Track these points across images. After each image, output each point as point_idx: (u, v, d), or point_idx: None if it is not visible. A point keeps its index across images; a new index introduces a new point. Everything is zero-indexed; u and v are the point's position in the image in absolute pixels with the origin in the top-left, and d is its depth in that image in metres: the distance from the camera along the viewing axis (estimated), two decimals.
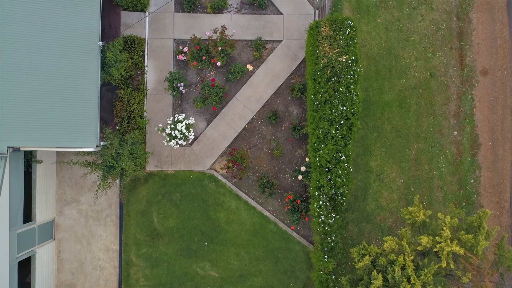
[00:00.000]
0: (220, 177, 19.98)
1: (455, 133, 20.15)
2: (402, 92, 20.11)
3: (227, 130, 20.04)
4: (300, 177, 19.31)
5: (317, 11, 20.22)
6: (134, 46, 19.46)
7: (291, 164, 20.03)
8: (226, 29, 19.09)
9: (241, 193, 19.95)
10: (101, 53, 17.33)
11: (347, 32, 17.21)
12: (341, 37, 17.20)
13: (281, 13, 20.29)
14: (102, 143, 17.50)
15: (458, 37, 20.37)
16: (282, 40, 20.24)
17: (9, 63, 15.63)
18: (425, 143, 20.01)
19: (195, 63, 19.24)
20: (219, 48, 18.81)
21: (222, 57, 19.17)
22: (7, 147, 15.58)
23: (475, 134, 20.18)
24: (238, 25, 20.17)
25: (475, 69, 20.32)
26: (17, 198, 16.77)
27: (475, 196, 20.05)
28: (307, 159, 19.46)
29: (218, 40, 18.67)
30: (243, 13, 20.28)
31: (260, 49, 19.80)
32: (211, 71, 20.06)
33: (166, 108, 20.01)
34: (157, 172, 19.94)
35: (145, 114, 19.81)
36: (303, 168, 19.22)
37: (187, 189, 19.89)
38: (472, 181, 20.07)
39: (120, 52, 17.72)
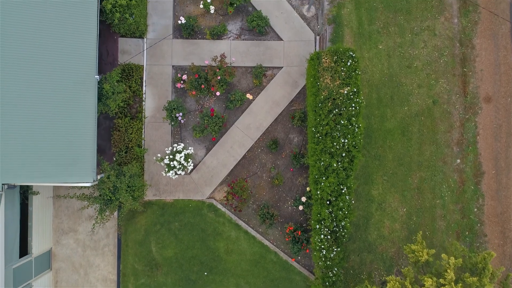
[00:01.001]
0: (219, 206, 19.68)
1: (458, 161, 19.85)
2: (404, 120, 19.80)
3: (226, 158, 19.73)
4: (301, 208, 19.01)
5: (318, 37, 19.90)
6: (132, 74, 19.15)
7: (292, 192, 19.73)
8: (225, 57, 18.77)
9: (241, 222, 19.65)
10: (98, 84, 17.02)
11: (349, 63, 16.90)
12: (342, 68, 16.89)
13: (281, 39, 19.98)
14: (99, 176, 17.21)
15: (461, 63, 20.05)
16: (282, 67, 19.93)
17: (5, 97, 15.32)
18: (428, 172, 19.70)
19: (194, 92, 18.94)
20: (219, 78, 18.49)
21: (222, 85, 18.86)
22: (2, 184, 15.27)
23: (479, 162, 19.87)
24: (237, 51, 19.86)
25: (479, 96, 20.01)
26: (12, 234, 16.47)
27: (478, 225, 19.75)
28: (307, 189, 19.15)
29: (217, 70, 18.34)
30: (243, 39, 19.97)
31: (260, 76, 19.49)
32: (211, 98, 19.76)
33: (165, 136, 19.70)
34: (155, 201, 19.64)
35: (143, 142, 19.50)
36: (303, 199, 18.92)
37: (186, 218, 19.59)
38: (475, 210, 19.77)
39: (117, 82, 17.41)
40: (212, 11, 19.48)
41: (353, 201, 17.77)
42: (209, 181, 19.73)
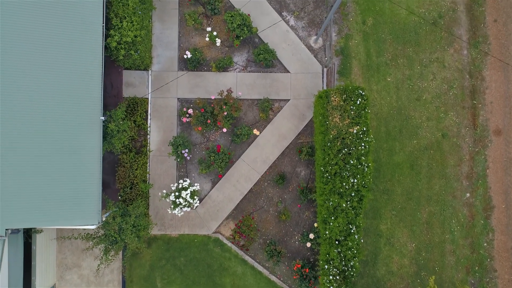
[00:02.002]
0: (225, 241, 19.38)
1: (468, 195, 19.55)
2: (413, 153, 19.49)
3: (232, 192, 19.43)
4: (308, 244, 18.71)
5: (325, 69, 19.60)
6: (136, 108, 18.85)
7: (299, 226, 19.42)
8: (232, 91, 18.47)
9: (247, 258, 19.35)
10: (103, 122, 16.71)
11: (358, 102, 16.59)
12: (352, 107, 16.59)
13: (288, 71, 19.67)
14: (104, 216, 16.91)
15: (470, 95, 19.75)
16: (289, 99, 19.63)
17: (7, 139, 15.01)
18: (437, 206, 19.40)
19: (199, 128, 18.62)
20: (225, 113, 18.18)
21: (228, 120, 18.55)
22: (6, 229, 14.97)
23: (488, 196, 19.57)
24: (243, 83, 19.56)
25: (488, 129, 19.71)
26: (16, 275, 16.16)
27: (488, 260, 19.44)
28: (315, 225, 18.86)
29: (224, 106, 18.03)
30: (249, 71, 19.66)
31: (266, 111, 19.18)
32: (216, 131, 19.45)
33: (170, 170, 19.40)
34: (160, 236, 19.34)
35: (148, 176, 19.20)
36: (311, 236, 18.62)
37: (191, 254, 19.29)
38: (485, 244, 19.46)
39: (122, 120, 17.11)
40: (218, 44, 19.17)
41: (362, 240, 17.46)
42: (215, 216, 19.43)
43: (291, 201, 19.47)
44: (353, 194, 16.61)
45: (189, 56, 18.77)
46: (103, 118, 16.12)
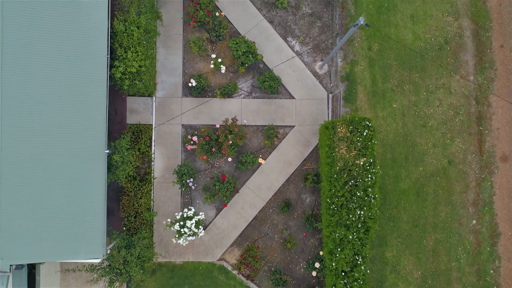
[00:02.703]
0: (230, 268, 19.24)
1: (474, 222, 19.43)
2: (419, 180, 19.36)
3: (237, 219, 19.30)
4: (314, 273, 18.58)
5: (330, 95, 19.46)
6: (140, 136, 18.70)
7: (304, 254, 19.29)
8: (237, 120, 18.34)
9: (252, 285, 19.21)
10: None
11: (365, 133, 16.45)
12: (358, 138, 16.45)
13: (294, 97, 19.53)
14: (108, 248, 16.78)
15: (477, 121, 19.62)
16: (294, 126, 19.49)
17: (11, 175, 14.87)
18: (443, 233, 19.27)
19: (204, 157, 18.49)
20: (230, 142, 18.05)
21: (233, 148, 18.42)
22: (10, 265, 14.84)
23: (495, 223, 19.45)
24: (248, 109, 19.42)
25: (495, 155, 19.58)
26: None
27: (495, 287, 19.32)
28: (321, 253, 18.73)
29: (229, 135, 17.88)
30: (254, 97, 19.52)
31: (271, 138, 19.04)
32: (221, 158, 19.31)
33: (174, 197, 19.26)
34: (165, 263, 19.21)
35: (152, 203, 19.06)
36: (317, 265, 18.49)
37: (196, 281, 19.15)
38: (491, 271, 19.34)
39: (127, 150, 16.96)
40: (223, 71, 19.03)
41: (368, 271, 17.34)
42: (220, 243, 19.30)
43: (296, 228, 19.34)
44: (359, 226, 16.49)
45: (194, 84, 18.63)
46: (107, 151, 15.99)
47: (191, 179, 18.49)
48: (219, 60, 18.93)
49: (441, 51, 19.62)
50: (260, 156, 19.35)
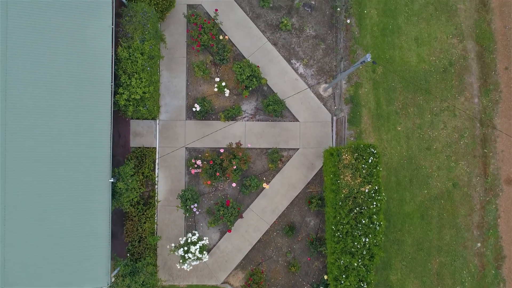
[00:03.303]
0: None
1: (479, 244, 19.37)
2: (423, 203, 19.30)
3: (241, 242, 19.23)
4: None
5: (335, 118, 19.39)
6: (144, 160, 18.63)
7: (308, 277, 19.23)
8: (241, 144, 18.27)
9: None
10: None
11: (370, 160, 16.39)
12: (363, 165, 16.39)
13: (298, 120, 19.46)
14: (112, 274, 16.72)
15: (481, 144, 19.56)
16: (298, 148, 19.42)
17: (13, 202, 14.81)
18: (448, 257, 19.21)
19: (209, 182, 18.42)
20: (234, 167, 17.98)
21: (237, 173, 18.35)
22: None
23: (500, 245, 19.39)
24: (252, 132, 19.35)
25: (499, 178, 19.52)
26: None
27: None
28: (325, 277, 18.67)
29: (233, 160, 17.82)
30: (258, 120, 19.44)
31: (276, 161, 18.98)
32: (225, 181, 19.24)
33: (178, 221, 19.20)
34: (168, 287, 19.14)
35: (156, 227, 19.00)
36: None
37: None
38: None
39: (131, 177, 16.89)
40: (227, 94, 18.96)
41: None
42: (224, 266, 19.24)
43: (300, 251, 19.28)
44: (364, 253, 16.44)
45: (198, 109, 18.56)
46: (112, 180, 15.92)
47: (195, 204, 18.42)
48: (223, 83, 18.85)
49: (445, 74, 19.56)
50: (264, 178, 19.29)
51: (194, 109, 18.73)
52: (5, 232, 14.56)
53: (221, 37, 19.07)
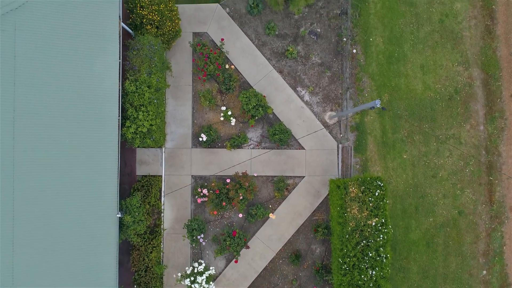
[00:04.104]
0: None
1: (484, 272, 19.40)
2: (429, 231, 19.33)
3: (247, 270, 19.26)
4: None
5: (340, 146, 19.40)
6: (150, 190, 18.64)
7: None
8: (247, 174, 18.30)
9: None
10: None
11: (377, 193, 16.43)
12: (370, 198, 16.42)
13: (303, 148, 19.48)
14: None
15: (487, 171, 19.58)
16: (304, 176, 19.44)
17: (20, 237, 14.83)
18: (453, 284, 19.24)
19: (215, 212, 18.46)
20: (241, 197, 18.01)
21: (243, 202, 18.37)
22: None
23: (505, 273, 19.42)
24: (258, 160, 19.37)
25: (505, 205, 19.54)
26: None
27: None
28: None
29: (239, 191, 17.84)
30: (263, 147, 19.47)
31: (282, 190, 19.00)
32: (231, 210, 19.26)
33: (184, 248, 19.23)
34: None
35: (162, 254, 19.02)
36: None
37: None
38: None
39: (137, 208, 16.91)
40: (233, 123, 18.99)
41: None
42: None
43: (306, 278, 19.30)
44: (371, 285, 16.47)
45: (205, 139, 18.58)
46: (119, 215, 15.95)
47: (202, 235, 18.46)
48: (229, 112, 18.88)
49: (451, 101, 19.58)
50: (270, 206, 19.32)
51: (200, 139, 18.74)
52: (14, 274, 14.58)
53: (227, 66, 19.09)
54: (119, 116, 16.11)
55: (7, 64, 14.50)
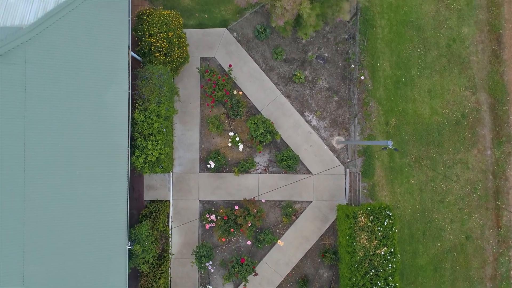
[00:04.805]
0: None
1: None
2: (436, 256, 19.36)
3: None
4: None
5: (348, 171, 19.42)
6: (158, 216, 18.65)
7: None
8: (255, 201, 18.32)
9: None
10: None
11: (386, 222, 16.46)
12: (379, 228, 16.46)
13: (311, 173, 19.50)
14: None
15: (494, 196, 19.61)
16: (311, 201, 19.47)
17: (28, 273, 14.85)
18: None
19: (224, 239, 18.49)
20: (249, 224, 18.05)
21: (251, 229, 18.40)
22: None
23: None
24: (265, 185, 19.40)
25: None
26: None
27: None
28: None
29: (249, 222, 17.87)
30: (271, 172, 19.48)
31: (289, 215, 19.03)
32: (239, 235, 19.28)
33: (192, 273, 19.25)
34: None
35: (170, 279, 19.04)
36: None
37: None
38: None
39: (147, 237, 16.93)
40: (241, 149, 19.02)
41: None
42: None
43: None
44: None
45: (213, 166, 18.61)
46: (129, 246, 15.97)
47: (210, 262, 18.49)
48: (237, 138, 18.91)
49: (458, 126, 19.61)
50: (277, 231, 19.34)
51: (208, 166, 18.77)
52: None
53: (235, 92, 19.12)
54: (128, 147, 16.12)
55: (18, 98, 14.52)
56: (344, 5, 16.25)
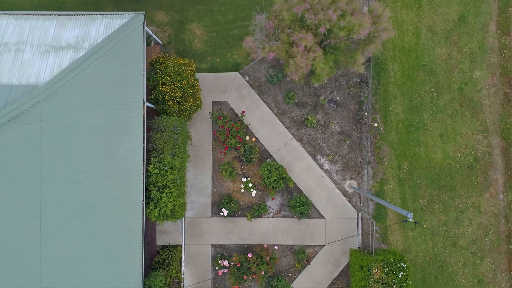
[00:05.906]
0: None
1: None
2: None
3: None
4: None
5: (360, 215, 19.42)
6: (171, 263, 18.62)
7: None
8: (268, 249, 18.31)
9: None
10: None
11: (400, 275, 16.45)
12: (393, 280, 16.45)
13: (323, 217, 19.50)
14: None
15: (506, 240, 19.61)
16: (324, 245, 19.47)
17: None
18: None
19: (237, 287, 18.48)
20: (263, 273, 18.04)
21: (265, 276, 18.39)
22: None
23: None
24: (278, 229, 19.39)
25: None
26: None
27: None
28: None
29: (262, 270, 17.87)
30: (283, 216, 19.48)
31: (302, 261, 19.03)
32: (251, 279, 19.28)
33: None
34: None
35: None
36: None
37: None
38: None
39: (160, 287, 16.92)
40: (253, 195, 19.02)
41: None
42: None
43: None
44: None
45: (226, 214, 18.61)
46: None
47: None
48: (250, 184, 18.89)
49: (470, 170, 19.60)
50: (290, 275, 19.34)
51: (221, 214, 18.78)
52: None
53: (247, 138, 19.10)
54: (143, 201, 16.10)
55: (34, 156, 14.50)
56: (358, 58, 16.22)
